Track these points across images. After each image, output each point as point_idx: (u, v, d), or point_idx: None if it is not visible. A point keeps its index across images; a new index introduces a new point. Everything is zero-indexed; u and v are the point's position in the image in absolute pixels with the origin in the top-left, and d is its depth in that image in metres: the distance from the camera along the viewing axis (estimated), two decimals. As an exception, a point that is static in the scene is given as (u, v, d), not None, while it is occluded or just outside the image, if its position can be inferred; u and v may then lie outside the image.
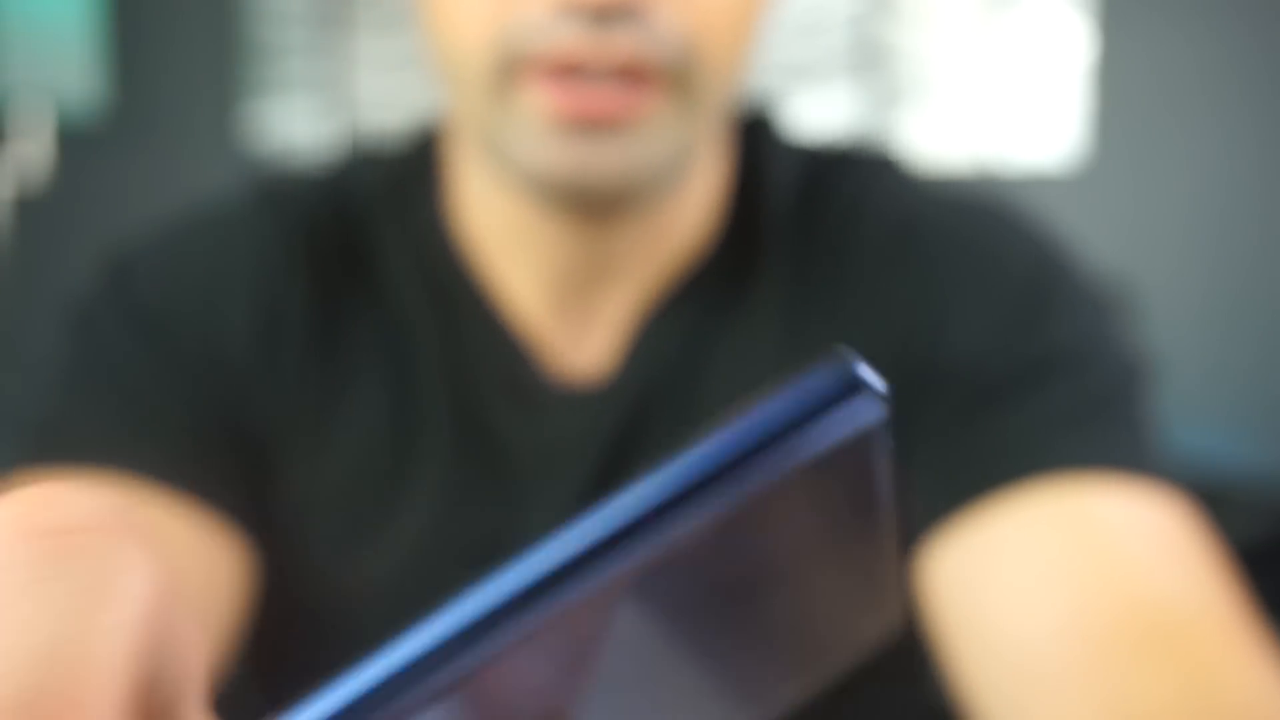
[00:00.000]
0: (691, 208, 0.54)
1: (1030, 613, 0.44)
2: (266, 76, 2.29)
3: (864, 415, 0.12)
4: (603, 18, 0.44)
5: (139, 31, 2.25)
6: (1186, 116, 1.72)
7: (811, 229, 0.54)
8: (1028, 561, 0.45)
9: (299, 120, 2.27)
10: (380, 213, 0.56)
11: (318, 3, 2.24)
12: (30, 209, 2.03)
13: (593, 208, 0.50)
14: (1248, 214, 1.69)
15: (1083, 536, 0.45)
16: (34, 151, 2.02)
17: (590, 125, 0.46)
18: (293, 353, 0.53)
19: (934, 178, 0.58)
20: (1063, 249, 0.55)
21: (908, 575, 0.49)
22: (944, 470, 0.48)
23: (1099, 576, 0.44)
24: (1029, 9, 1.78)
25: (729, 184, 0.55)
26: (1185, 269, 1.72)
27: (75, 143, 2.11)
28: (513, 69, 0.46)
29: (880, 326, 0.52)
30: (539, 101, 0.46)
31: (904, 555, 0.50)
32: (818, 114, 1.89)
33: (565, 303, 0.53)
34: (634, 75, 0.45)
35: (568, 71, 0.45)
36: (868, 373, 0.12)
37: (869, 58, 1.88)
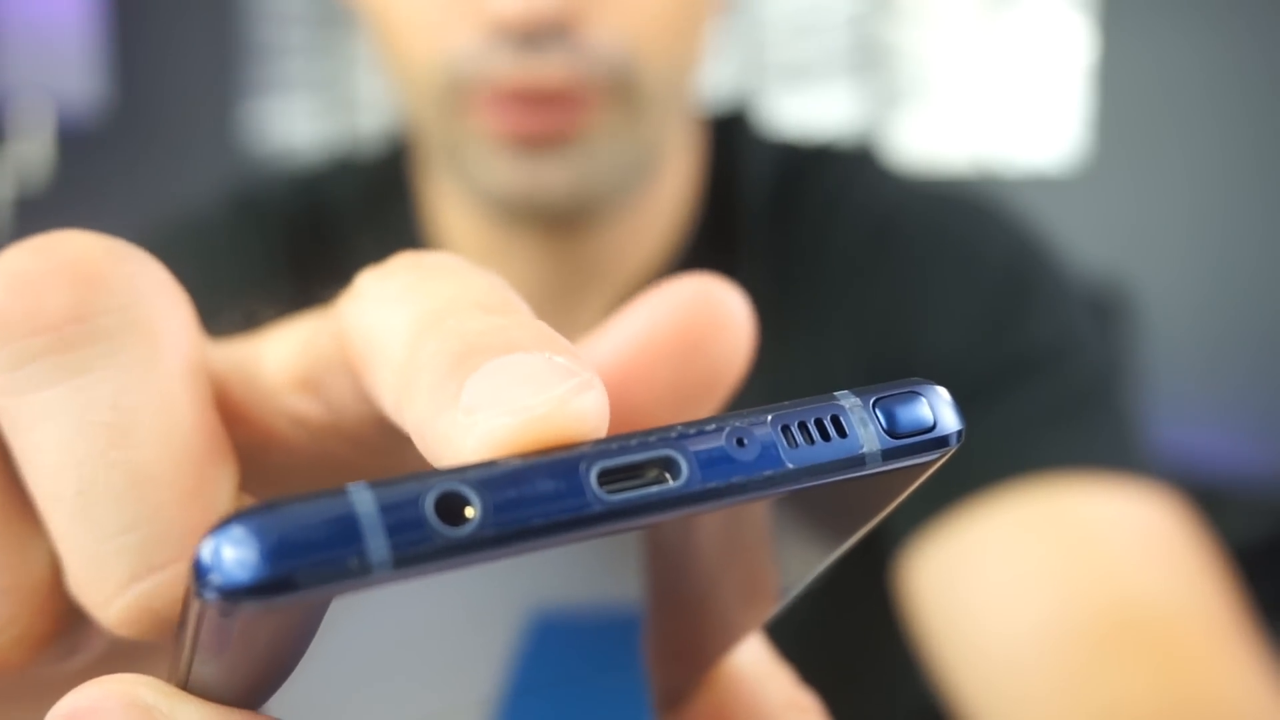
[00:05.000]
0: (662, 211, 0.54)
1: (1012, 613, 0.44)
2: (266, 76, 2.29)
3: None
4: (532, 40, 0.45)
5: (139, 31, 2.25)
6: (1186, 116, 1.72)
7: (788, 226, 0.54)
8: (1009, 562, 0.45)
9: (299, 120, 2.27)
10: (357, 221, 0.56)
11: (318, 3, 2.24)
12: (30, 209, 2.03)
13: (554, 222, 0.50)
14: (1247, 214, 1.69)
15: (1064, 536, 0.45)
16: (34, 151, 2.03)
17: (535, 145, 0.47)
18: None
19: (913, 172, 0.58)
20: (1043, 244, 0.54)
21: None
22: None
23: (1080, 576, 0.44)
24: (1029, 9, 1.78)
25: (701, 184, 0.55)
26: (1184, 269, 1.72)
27: (75, 143, 2.11)
28: (459, 95, 0.47)
29: (858, 325, 0.52)
30: (485, 126, 0.47)
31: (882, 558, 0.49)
32: (817, 114, 1.89)
33: (541, 312, 0.53)
34: (570, 95, 0.46)
35: (506, 97, 0.46)
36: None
37: (868, 58, 1.88)
